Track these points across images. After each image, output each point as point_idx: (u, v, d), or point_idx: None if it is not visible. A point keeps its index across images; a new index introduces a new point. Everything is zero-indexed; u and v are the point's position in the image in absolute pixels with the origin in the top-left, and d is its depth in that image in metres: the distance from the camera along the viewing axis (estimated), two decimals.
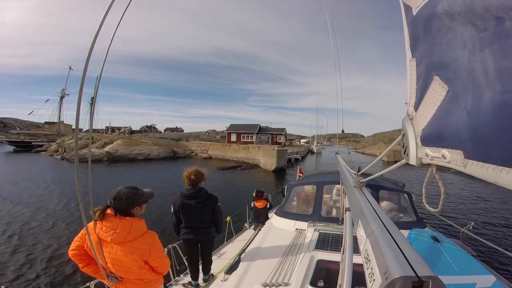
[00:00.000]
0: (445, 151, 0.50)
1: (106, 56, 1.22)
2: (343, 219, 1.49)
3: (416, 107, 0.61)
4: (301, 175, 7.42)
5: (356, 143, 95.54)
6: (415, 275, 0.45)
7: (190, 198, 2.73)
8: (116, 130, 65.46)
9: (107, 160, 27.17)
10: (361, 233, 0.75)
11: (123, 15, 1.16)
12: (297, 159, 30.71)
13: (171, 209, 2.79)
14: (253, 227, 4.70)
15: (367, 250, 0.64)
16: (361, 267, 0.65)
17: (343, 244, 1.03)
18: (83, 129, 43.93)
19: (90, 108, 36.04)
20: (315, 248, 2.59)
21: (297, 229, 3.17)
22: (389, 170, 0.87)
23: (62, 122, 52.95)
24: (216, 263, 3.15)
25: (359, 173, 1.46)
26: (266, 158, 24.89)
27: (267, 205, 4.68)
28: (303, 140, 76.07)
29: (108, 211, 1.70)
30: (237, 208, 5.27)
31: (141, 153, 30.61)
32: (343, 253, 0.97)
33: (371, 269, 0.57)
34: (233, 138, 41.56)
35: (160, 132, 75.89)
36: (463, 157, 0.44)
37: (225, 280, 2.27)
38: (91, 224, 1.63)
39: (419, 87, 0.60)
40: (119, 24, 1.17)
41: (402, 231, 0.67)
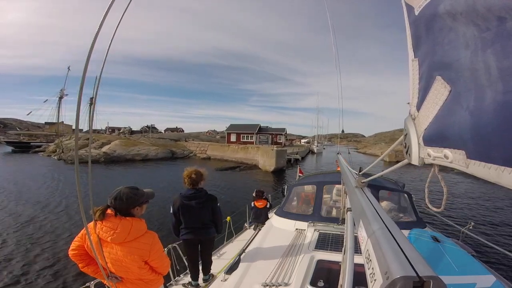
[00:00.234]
0: (447, 151, 0.50)
1: (106, 56, 1.22)
2: (344, 219, 1.49)
3: (418, 107, 0.61)
4: (301, 175, 7.43)
5: (357, 143, 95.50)
6: (416, 275, 0.45)
7: (190, 199, 2.72)
8: (116, 130, 65.38)
9: (104, 160, 26.85)
10: (362, 233, 0.75)
11: (123, 15, 1.16)
12: (297, 160, 30.30)
13: (171, 210, 2.77)
14: (253, 227, 4.70)
15: (368, 250, 0.64)
16: (362, 267, 0.65)
17: (344, 244, 1.03)
18: (83, 130, 43.92)
19: (89, 108, 35.99)
20: (315, 248, 2.59)
21: (297, 229, 3.17)
22: (391, 170, 0.87)
23: (62, 122, 52.91)
24: (216, 263, 3.15)
25: (360, 173, 1.45)
26: (265, 158, 24.52)
27: (267, 205, 4.68)
28: (303, 140, 76.00)
29: (108, 211, 1.70)
30: (235, 209, 5.26)
31: (139, 153, 30.35)
32: (344, 253, 0.97)
33: (372, 269, 0.57)
34: (233, 138, 41.39)
35: (160, 132, 75.88)
36: (465, 157, 0.44)
37: (225, 280, 2.27)
38: (91, 224, 1.63)
39: (422, 87, 0.60)
40: (119, 24, 1.17)
41: (402, 231, 0.68)
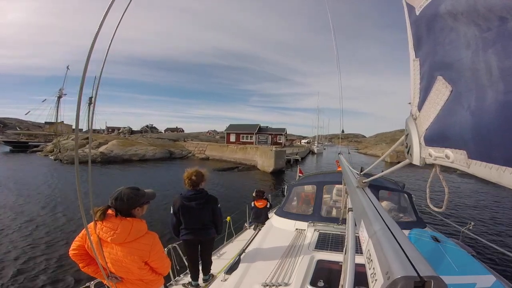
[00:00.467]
0: (448, 151, 0.50)
1: (106, 56, 1.21)
2: (344, 219, 1.49)
3: (419, 107, 0.61)
4: (301, 175, 7.43)
5: (357, 143, 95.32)
6: (417, 275, 0.45)
7: (190, 199, 2.71)
8: (115, 130, 65.21)
9: (101, 161, 26.43)
10: (363, 233, 0.75)
11: (123, 15, 1.16)
12: (296, 160, 29.57)
13: (171, 210, 2.77)
14: (253, 227, 4.70)
15: (369, 250, 0.64)
16: (363, 267, 0.65)
17: (346, 244, 1.03)
18: (83, 129, 43.80)
19: (88, 108, 35.90)
20: (315, 248, 2.59)
21: (297, 229, 3.17)
22: (392, 170, 0.87)
23: (62, 122, 52.79)
24: (216, 263, 3.15)
25: (361, 173, 1.45)
26: (263, 159, 23.96)
27: (267, 205, 4.68)
28: (304, 140, 75.88)
29: (109, 212, 1.70)
30: (231, 212, 5.24)
31: (136, 153, 30.03)
32: (345, 253, 0.97)
33: (373, 269, 0.57)
34: (232, 138, 41.23)
35: (160, 132, 75.79)
36: (467, 157, 0.44)
37: (225, 280, 2.26)
38: (91, 224, 1.63)
39: (423, 87, 0.60)
40: (119, 24, 1.17)
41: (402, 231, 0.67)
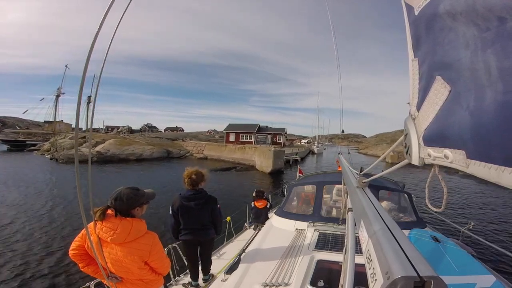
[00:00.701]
0: (447, 151, 0.50)
1: (106, 56, 1.21)
2: (344, 219, 1.49)
3: (418, 107, 0.61)
4: (301, 175, 7.43)
5: (358, 143, 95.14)
6: (417, 275, 0.45)
7: (189, 200, 2.69)
8: (114, 129, 64.96)
9: (97, 160, 26.16)
10: (363, 233, 0.75)
11: (123, 15, 1.16)
12: (296, 161, 28.85)
13: (170, 211, 2.75)
14: (253, 227, 4.70)
15: (369, 250, 0.64)
16: (362, 267, 0.65)
17: (345, 244, 1.03)
18: (83, 128, 43.76)
19: (87, 107, 35.82)
20: (315, 248, 2.59)
21: (297, 229, 3.17)
22: (392, 170, 0.87)
23: (62, 121, 52.71)
24: (216, 263, 3.15)
25: (361, 173, 1.45)
26: (262, 159, 23.50)
27: (267, 205, 4.68)
28: (304, 140, 75.81)
29: (108, 212, 1.70)
30: (228, 214, 5.22)
31: (133, 153, 29.75)
32: (345, 253, 0.97)
33: (373, 269, 0.57)
34: (232, 138, 41.01)
35: (160, 131, 75.69)
36: (466, 157, 0.44)
37: (225, 280, 2.26)
38: (91, 224, 1.63)
39: (422, 87, 0.60)
40: (119, 24, 1.17)
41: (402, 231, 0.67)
